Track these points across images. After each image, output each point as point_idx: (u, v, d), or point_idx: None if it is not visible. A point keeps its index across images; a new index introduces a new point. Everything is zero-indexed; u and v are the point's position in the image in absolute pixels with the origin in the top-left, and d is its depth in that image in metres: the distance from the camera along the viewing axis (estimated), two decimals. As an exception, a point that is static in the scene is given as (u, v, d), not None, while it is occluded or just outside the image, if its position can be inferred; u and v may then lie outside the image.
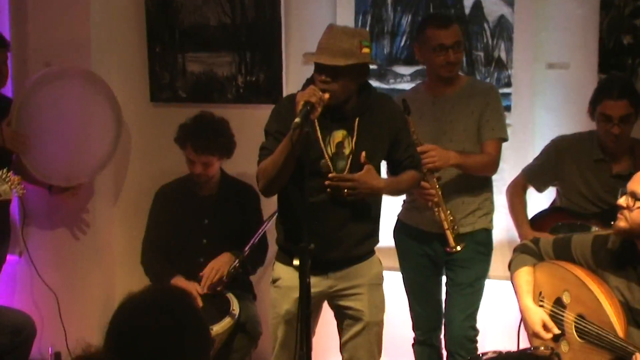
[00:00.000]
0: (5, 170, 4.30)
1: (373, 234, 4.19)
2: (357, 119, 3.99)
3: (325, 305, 4.25)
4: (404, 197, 4.67)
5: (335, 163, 3.99)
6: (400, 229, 4.74)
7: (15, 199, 4.96)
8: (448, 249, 4.42)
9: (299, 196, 3.86)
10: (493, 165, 4.52)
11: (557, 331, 3.78)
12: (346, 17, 5.16)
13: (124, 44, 5.55)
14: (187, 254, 4.96)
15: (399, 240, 4.75)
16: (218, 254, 4.88)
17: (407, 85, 5.06)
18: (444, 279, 4.71)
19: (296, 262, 3.75)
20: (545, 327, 3.79)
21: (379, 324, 4.22)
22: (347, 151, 3.99)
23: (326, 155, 3.97)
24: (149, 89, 5.58)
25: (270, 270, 4.36)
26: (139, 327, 2.33)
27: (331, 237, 4.01)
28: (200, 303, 4.55)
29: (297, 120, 3.69)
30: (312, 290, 3.85)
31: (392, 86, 5.17)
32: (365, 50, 3.92)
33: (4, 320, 4.36)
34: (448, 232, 4.40)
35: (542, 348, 3.71)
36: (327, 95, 3.82)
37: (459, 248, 4.40)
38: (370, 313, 4.15)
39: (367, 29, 5.14)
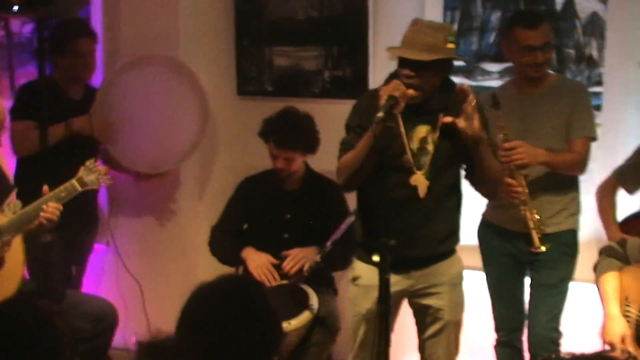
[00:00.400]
0: (92, 160, 4.36)
1: (454, 233, 4.14)
2: (441, 115, 3.94)
3: (404, 303, 4.21)
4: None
5: (418, 159, 3.94)
6: (485, 228, 4.68)
7: (104, 188, 5.05)
8: (532, 249, 4.34)
9: (380, 192, 3.83)
10: (581, 164, 4.43)
11: (631, 351, 3.66)
12: (435, 12, 5.10)
13: (212, 37, 5.59)
14: (267, 248, 4.96)
15: (483, 238, 4.69)
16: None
17: (495, 83, 4.98)
18: (528, 279, 4.63)
19: (376, 258, 3.72)
20: (623, 343, 3.68)
21: (458, 323, 4.18)
22: (430, 147, 3.94)
23: (408, 151, 3.93)
24: (235, 81, 5.60)
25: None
26: (208, 314, 2.34)
27: (413, 235, 3.97)
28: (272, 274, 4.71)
29: (379, 114, 3.66)
30: (393, 288, 3.82)
31: (479, 83, 5.10)
32: (450, 45, 3.88)
33: (86, 308, 4.42)
34: (533, 232, 4.32)
35: (619, 351, 3.62)
36: (411, 91, 3.79)
37: (543, 248, 4.32)
38: (450, 312, 4.11)
39: (456, 25, 5.09)
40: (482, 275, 4.72)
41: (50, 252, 4.65)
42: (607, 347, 3.76)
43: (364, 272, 4.10)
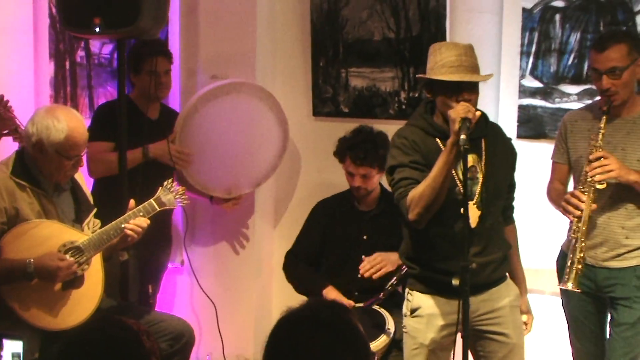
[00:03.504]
0: (170, 181, 4.41)
1: (506, 259, 4.12)
2: (483, 141, 3.93)
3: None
4: (569, 226, 4.46)
5: (469, 188, 3.89)
6: (563, 260, 4.36)
7: (180, 209, 5.09)
8: (561, 285, 4.16)
9: (435, 224, 3.82)
10: None
11: None
12: (513, 34, 5.05)
13: (288, 58, 5.61)
14: (344, 269, 4.95)
15: (561, 271, 4.48)
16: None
17: (573, 105, 4.88)
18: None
19: (455, 281, 3.68)
20: None
21: (523, 347, 4.11)
22: (480, 175, 3.90)
23: (458, 182, 3.88)
24: (311, 102, 5.61)
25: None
26: (298, 341, 2.30)
27: (476, 264, 3.89)
28: None
29: (464, 136, 3.61)
30: (454, 316, 3.83)
31: (557, 105, 5.03)
32: None
33: (164, 326, 4.44)
34: (573, 266, 4.07)
35: None
36: (478, 113, 3.76)
37: (570, 285, 4.07)
38: (515, 335, 4.06)
39: (534, 46, 5.04)
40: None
41: (126, 271, 4.70)
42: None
43: (423, 302, 4.04)
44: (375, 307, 4.79)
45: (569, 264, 4.08)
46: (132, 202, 4.27)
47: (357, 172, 4.89)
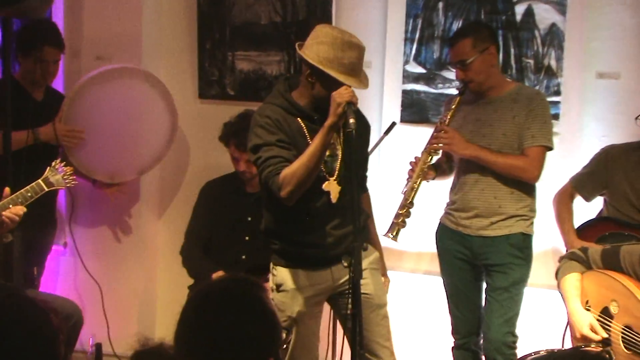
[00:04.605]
0: (57, 161, 4.35)
1: (364, 228, 4.18)
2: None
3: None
4: (447, 199, 4.68)
5: (329, 165, 4.00)
6: (442, 232, 4.74)
7: (63, 190, 5.03)
8: (384, 234, 4.46)
9: (300, 200, 3.91)
10: (530, 171, 4.47)
11: (604, 334, 3.73)
12: (397, 20, 5.18)
13: (174, 40, 5.59)
14: (229, 250, 5.00)
15: (439, 242, 4.76)
16: (260, 251, 4.90)
17: (455, 91, 5.03)
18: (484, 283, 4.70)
19: (346, 262, 3.78)
20: (593, 330, 3.77)
21: (386, 306, 4.24)
22: (339, 152, 4.01)
23: None
24: (197, 85, 5.61)
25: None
26: (208, 315, 2.34)
27: (335, 236, 4.06)
28: None
29: (353, 120, 3.70)
30: (320, 286, 4.06)
31: (440, 90, 5.17)
32: None
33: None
34: (397, 219, 4.45)
35: (594, 346, 3.70)
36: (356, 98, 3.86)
37: (390, 235, 4.45)
38: (377, 295, 4.18)
39: (418, 32, 5.17)
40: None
41: (11, 252, 4.62)
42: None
43: (286, 278, 4.13)
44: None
45: (393, 217, 4.47)
46: (7, 190, 4.19)
47: (242, 157, 4.93)
